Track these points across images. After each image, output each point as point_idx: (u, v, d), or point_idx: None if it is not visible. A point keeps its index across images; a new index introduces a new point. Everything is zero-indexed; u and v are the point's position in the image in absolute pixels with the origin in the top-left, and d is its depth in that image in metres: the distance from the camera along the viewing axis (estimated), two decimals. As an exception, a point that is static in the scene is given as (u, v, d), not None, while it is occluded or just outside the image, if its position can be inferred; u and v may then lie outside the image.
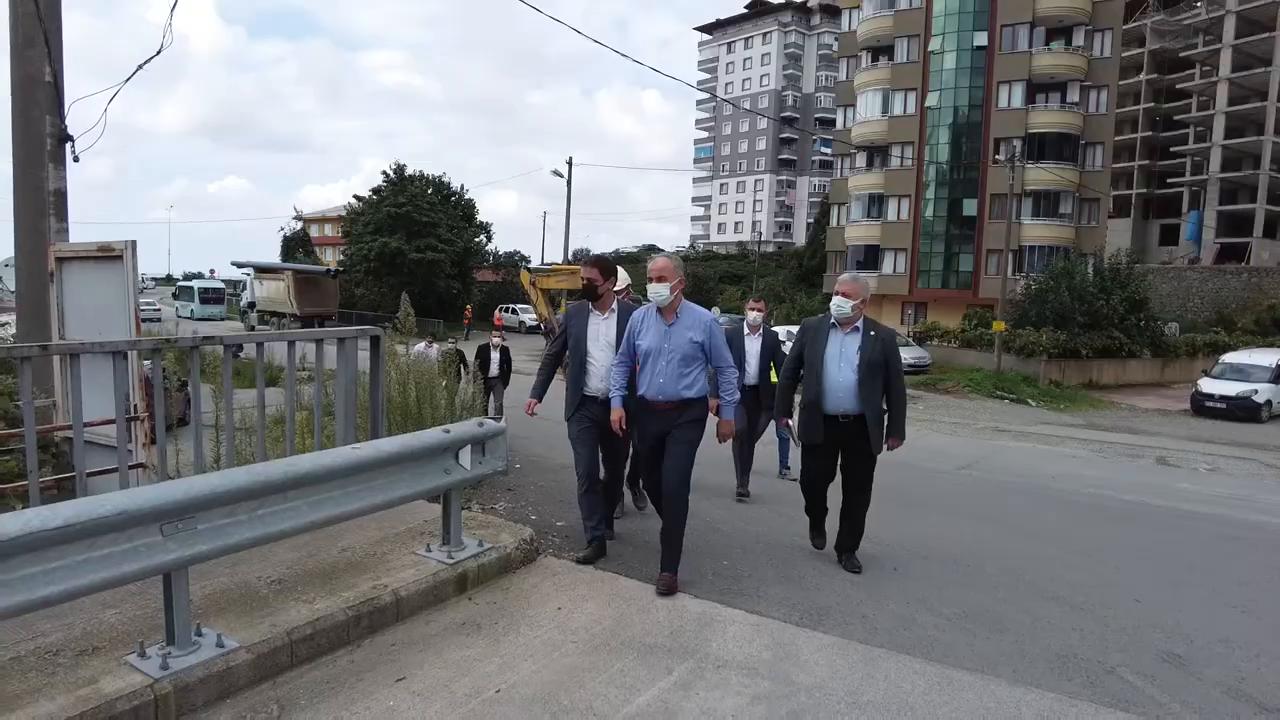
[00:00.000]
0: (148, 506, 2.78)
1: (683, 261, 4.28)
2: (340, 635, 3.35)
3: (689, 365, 4.22)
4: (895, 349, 4.75)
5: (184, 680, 2.84)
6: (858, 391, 4.61)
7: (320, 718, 2.86)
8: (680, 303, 4.31)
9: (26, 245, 7.32)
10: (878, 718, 3.03)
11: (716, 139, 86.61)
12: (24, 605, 2.49)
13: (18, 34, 7.08)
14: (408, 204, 39.46)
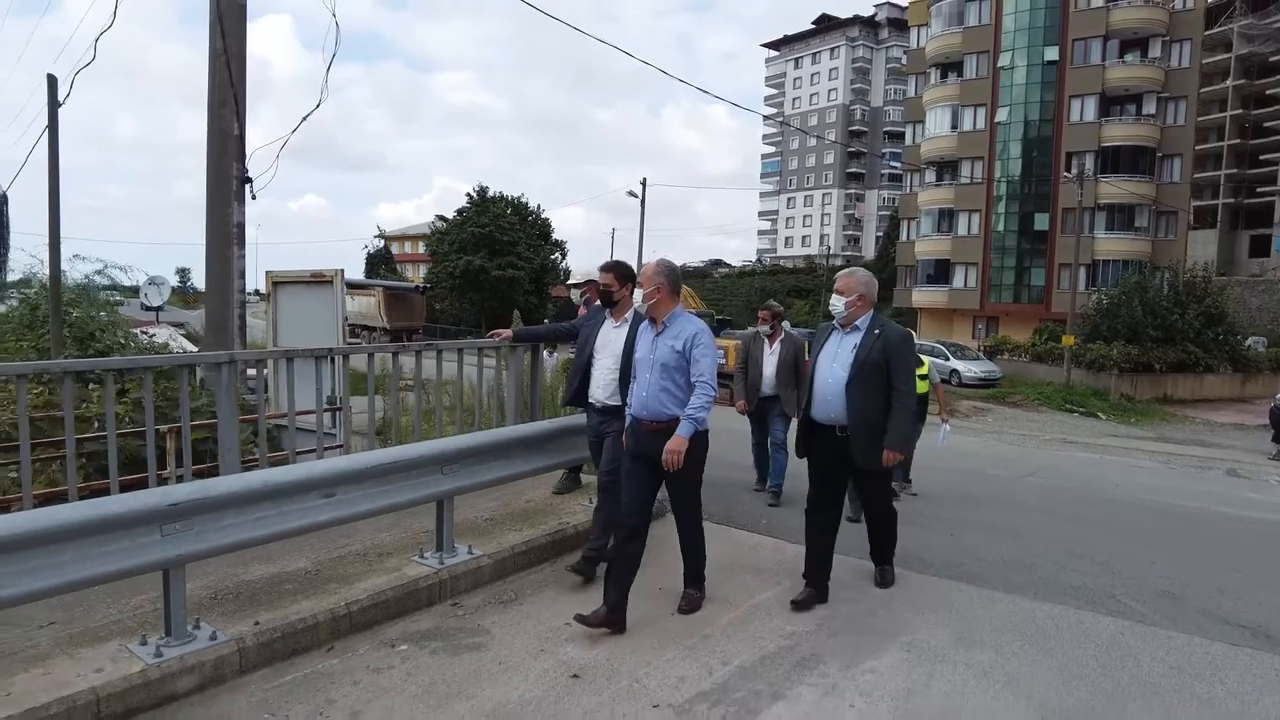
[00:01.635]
0: (430, 454, 4.20)
1: (674, 268, 4.09)
2: (541, 554, 4.73)
3: (672, 378, 3.91)
4: (901, 350, 4.21)
5: (455, 570, 4.26)
6: (845, 395, 4.16)
7: (543, 602, 4.22)
8: (670, 311, 4.02)
9: (216, 270, 8.99)
10: (930, 615, 4.26)
11: (784, 154, 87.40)
12: (333, 519, 3.87)
13: (214, 97, 8.76)
14: (490, 224, 41.72)
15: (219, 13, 8.33)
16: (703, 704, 3.27)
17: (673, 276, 4.06)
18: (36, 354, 11.37)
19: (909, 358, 4.32)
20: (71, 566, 2.94)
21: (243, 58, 8.73)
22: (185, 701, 3.18)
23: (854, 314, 4.31)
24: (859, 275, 4.40)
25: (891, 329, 4.30)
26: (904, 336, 4.33)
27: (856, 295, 4.29)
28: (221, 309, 8.90)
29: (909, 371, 4.29)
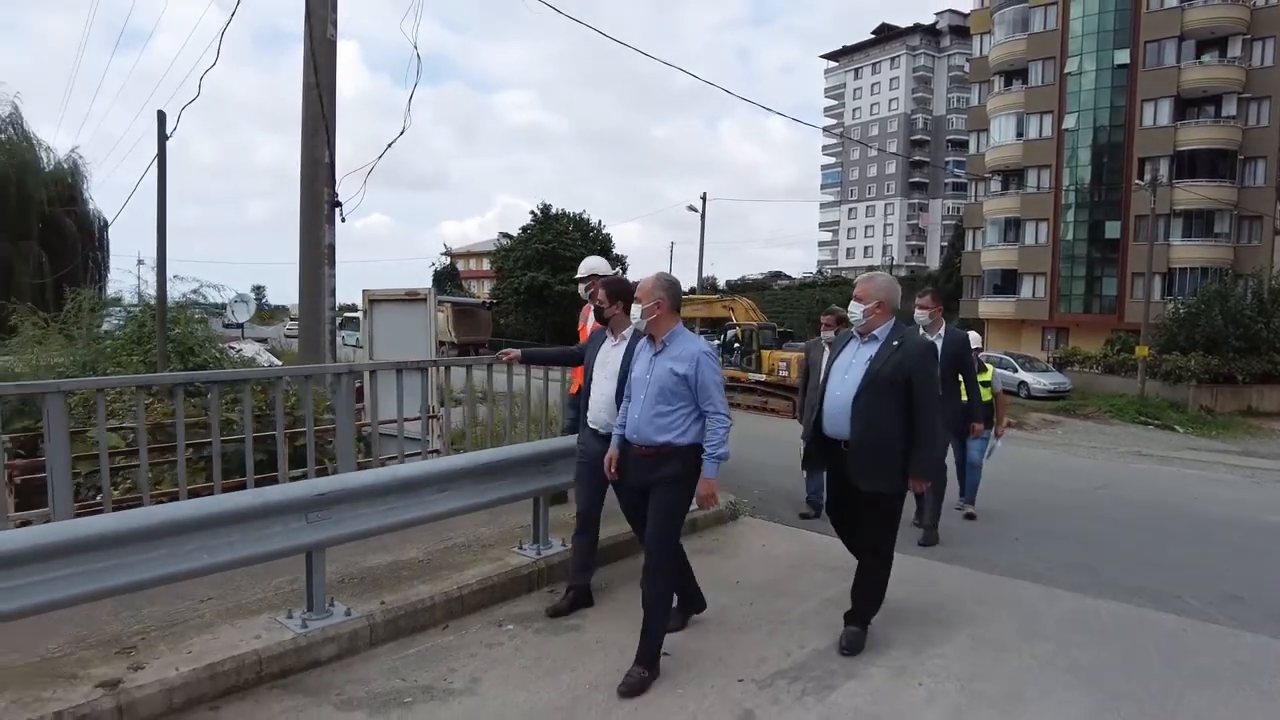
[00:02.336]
0: (531, 454, 4.64)
1: (675, 283, 3.83)
2: (626, 549, 5.12)
3: (668, 402, 3.60)
4: (924, 364, 3.83)
5: (550, 561, 4.69)
6: (852, 408, 3.82)
7: (631, 591, 4.60)
8: (670, 329, 3.74)
9: (309, 288, 9.66)
10: (995, 610, 4.50)
11: (844, 164, 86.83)
12: (449, 510, 4.33)
13: (307, 127, 9.44)
14: (553, 240, 42.69)
15: (312, 49, 9.02)
16: (782, 680, 3.61)
17: (673, 291, 3.80)
18: (145, 367, 12.32)
19: (933, 372, 3.92)
20: (240, 545, 3.46)
21: (333, 91, 9.40)
22: (327, 667, 3.67)
23: (873, 323, 3.96)
24: (879, 280, 4.05)
25: (913, 341, 3.93)
26: (929, 349, 3.98)
27: (876, 303, 3.95)
28: (314, 325, 9.58)
29: (933, 388, 3.86)
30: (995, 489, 8.21)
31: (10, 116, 25.35)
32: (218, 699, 3.34)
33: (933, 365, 3.95)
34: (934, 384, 3.90)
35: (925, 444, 3.81)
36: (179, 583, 3.61)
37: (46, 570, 3.00)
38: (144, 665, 3.36)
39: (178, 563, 3.29)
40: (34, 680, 3.22)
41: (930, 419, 3.80)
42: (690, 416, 3.65)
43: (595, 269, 5.55)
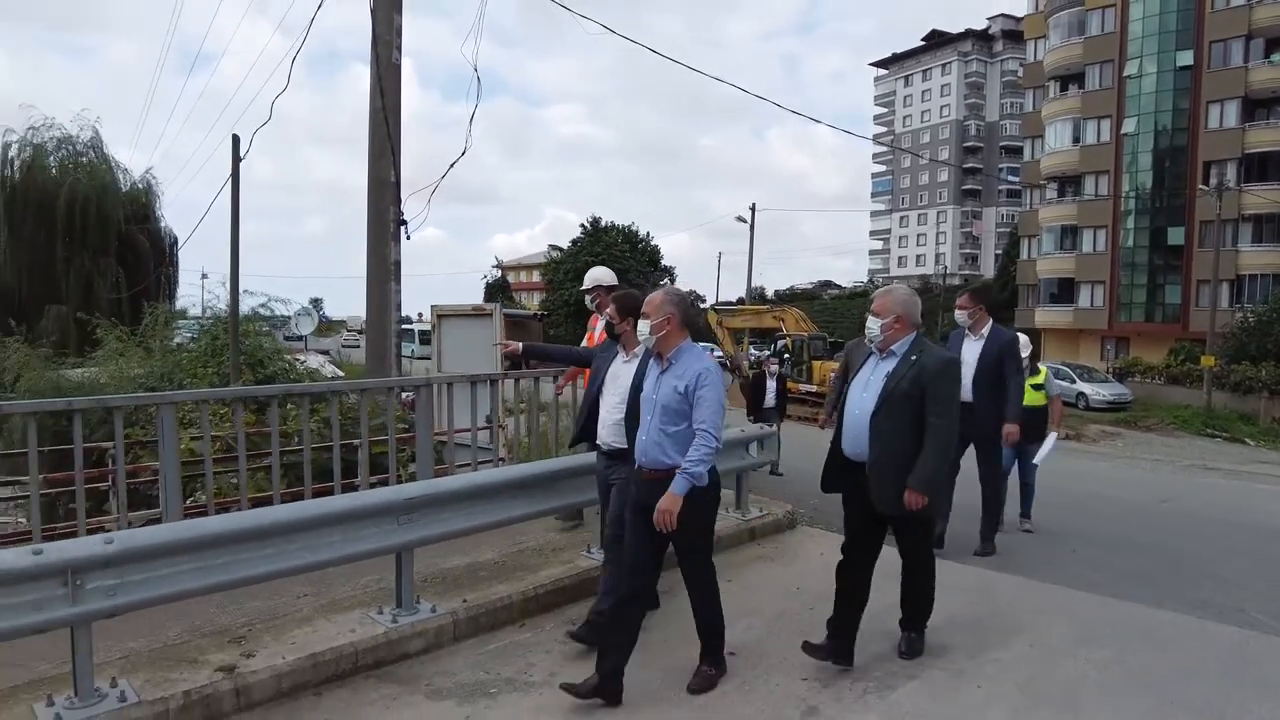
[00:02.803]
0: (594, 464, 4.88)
1: (685, 297, 3.78)
2: (688, 555, 5.32)
3: (674, 422, 3.50)
4: (939, 380, 3.70)
5: (617, 566, 4.91)
6: (869, 427, 3.70)
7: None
8: (678, 346, 3.61)
9: (375, 303, 10.08)
10: (1052, 617, 4.60)
11: (895, 172, 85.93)
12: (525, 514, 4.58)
13: (374, 149, 9.85)
14: (603, 253, 43.22)
15: (378, 75, 9.47)
16: (844, 680, 3.78)
17: (684, 306, 3.68)
18: (219, 380, 12.96)
19: (951, 387, 3.78)
20: (340, 545, 3.77)
21: (398, 114, 9.84)
22: (416, 659, 3.95)
23: (891, 338, 3.81)
24: (897, 294, 3.92)
25: (933, 355, 3.77)
26: (949, 364, 3.84)
27: (894, 317, 3.79)
28: (381, 338, 10.00)
29: (948, 402, 3.71)
30: (1053, 501, 8.19)
31: (91, 140, 26.78)
32: (320, 685, 3.65)
33: (951, 379, 3.81)
34: (950, 398, 3.73)
35: (930, 456, 3.63)
36: (278, 580, 3.93)
37: (174, 564, 3.33)
38: (254, 653, 3.69)
39: (285, 559, 3.61)
40: (161, 663, 3.57)
41: (941, 432, 3.64)
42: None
43: (599, 280, 5.47)
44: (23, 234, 24.31)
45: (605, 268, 5.83)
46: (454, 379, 6.20)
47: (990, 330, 5.85)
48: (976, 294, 6.10)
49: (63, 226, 24.42)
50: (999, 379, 5.73)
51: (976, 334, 5.81)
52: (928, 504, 3.69)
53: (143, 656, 3.62)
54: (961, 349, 5.85)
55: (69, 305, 23.55)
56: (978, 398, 5.67)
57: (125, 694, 3.25)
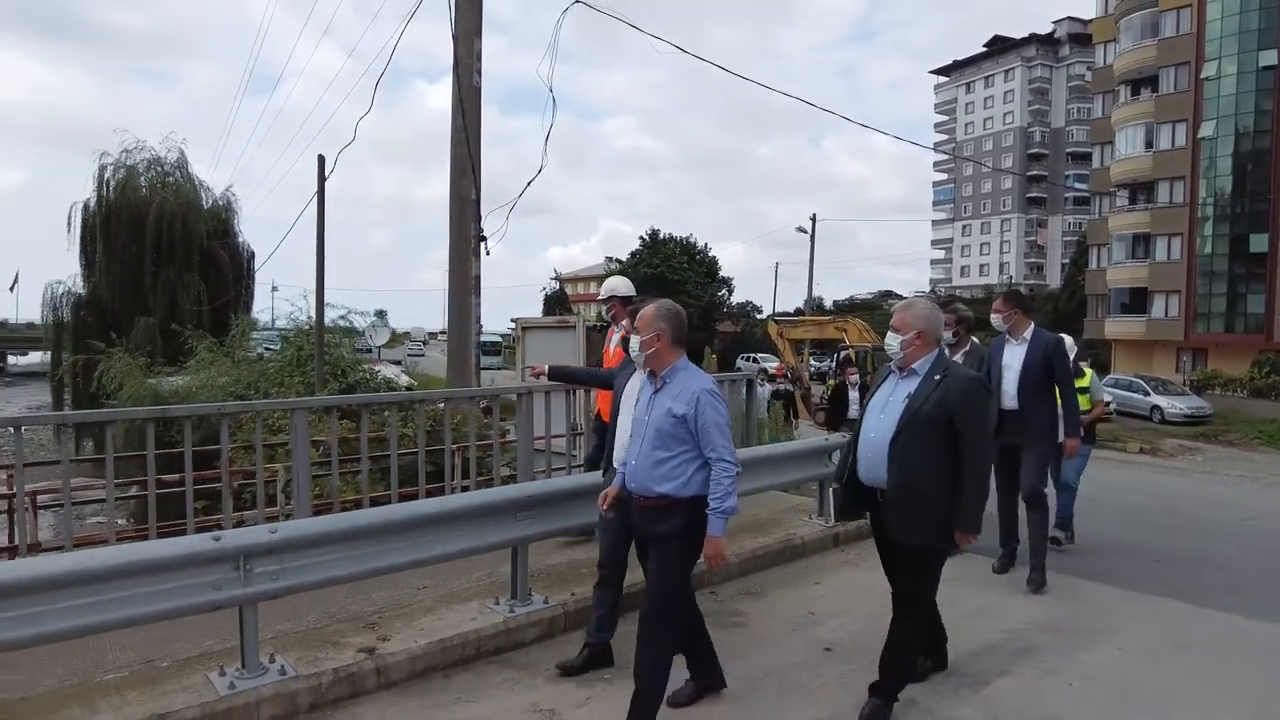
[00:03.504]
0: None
1: (678, 312, 3.49)
2: (774, 557, 5.55)
3: (667, 447, 3.26)
4: (969, 401, 3.40)
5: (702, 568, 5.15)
6: (888, 452, 3.43)
7: (785, 595, 5.03)
8: (671, 364, 3.36)
9: (457, 315, 10.53)
10: (1140, 623, 4.70)
11: (957, 180, 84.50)
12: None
13: (455, 168, 10.30)
14: (661, 265, 43.70)
15: (459, 97, 9.95)
16: (938, 675, 3.95)
17: (675, 321, 3.42)
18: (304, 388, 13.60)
19: (982, 409, 3.49)
20: (467, 538, 4.11)
21: (478, 134, 10.30)
22: (531, 647, 4.26)
23: (912, 355, 3.55)
24: (917, 308, 3.65)
25: (959, 375, 3.50)
26: (976, 384, 3.55)
27: (914, 333, 3.53)
28: (462, 349, 10.46)
29: (982, 427, 3.45)
30: (1131, 517, 8.15)
31: (178, 161, 28.24)
32: (448, 668, 3.98)
33: (981, 401, 3.51)
34: (982, 422, 3.48)
35: (973, 491, 3.39)
36: (400, 572, 4.29)
37: (325, 554, 3.71)
38: (389, 638, 4.04)
39: (421, 551, 3.96)
40: (308, 644, 3.95)
41: (979, 463, 3.41)
42: (694, 464, 3.27)
43: (615, 290, 5.35)
44: (116, 250, 25.74)
45: (622, 278, 5.61)
46: (550, 388, 6.53)
47: (1032, 333, 5.52)
48: (1010, 297, 5.81)
49: (151, 242, 25.76)
50: (1046, 384, 5.38)
51: (1017, 338, 5.53)
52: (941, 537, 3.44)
53: (291, 638, 4.00)
54: (1002, 355, 5.59)
55: (156, 317, 24.87)
56: (1024, 405, 5.37)
57: (284, 669, 3.63)
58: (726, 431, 3.28)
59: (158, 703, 3.35)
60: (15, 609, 2.96)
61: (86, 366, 18.61)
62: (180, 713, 3.29)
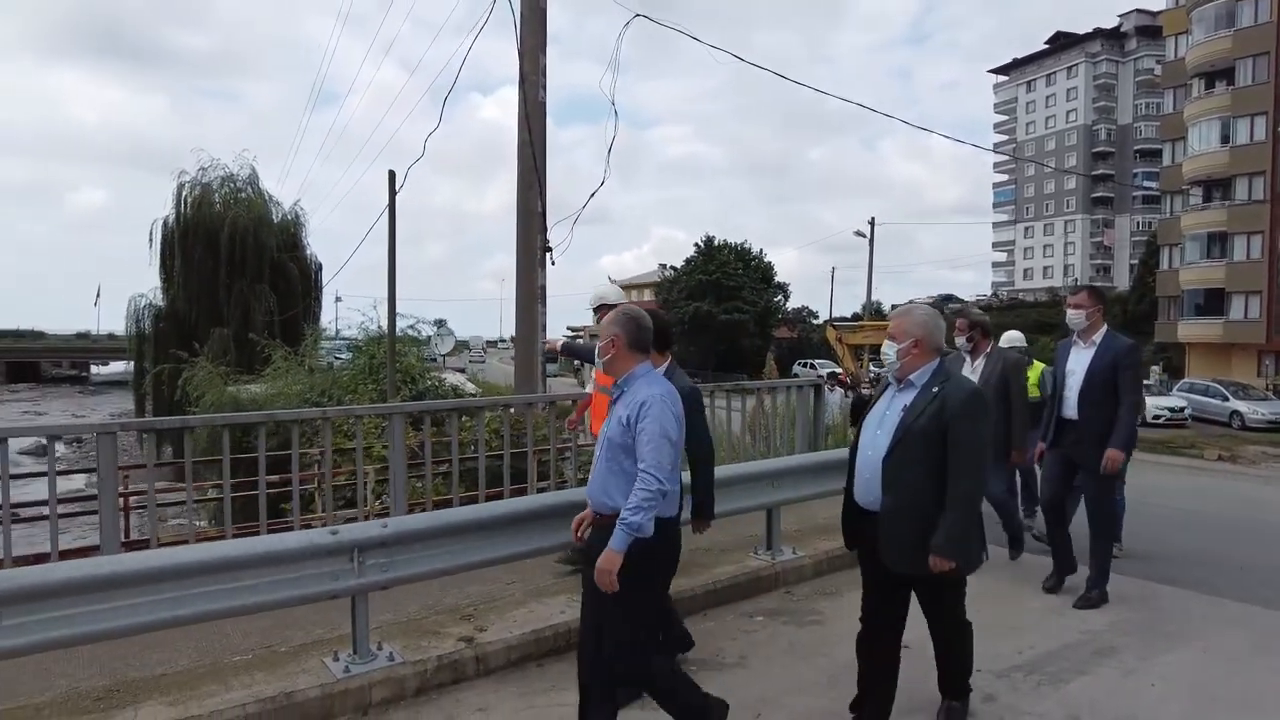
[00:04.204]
0: (763, 471, 5.29)
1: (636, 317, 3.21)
2: (850, 560, 5.62)
3: (617, 460, 3.02)
4: (967, 412, 3.10)
5: (784, 566, 5.32)
6: (881, 471, 3.18)
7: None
8: (629, 370, 3.11)
9: (524, 324, 10.81)
10: (1223, 628, 4.67)
11: (1018, 180, 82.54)
12: None
13: (522, 180, 10.55)
14: (717, 271, 43.77)
15: (525, 111, 10.25)
16: (1018, 673, 4.03)
17: (632, 326, 3.15)
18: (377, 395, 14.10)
19: (978, 424, 3.14)
20: (557, 535, 4.32)
21: (544, 148, 10.58)
22: (617, 640, 4.46)
23: (909, 365, 3.24)
24: (915, 314, 3.35)
25: (955, 387, 3.16)
26: (970, 396, 3.17)
27: (911, 341, 3.22)
28: (529, 356, 10.76)
29: (974, 443, 3.11)
30: (1209, 525, 7.97)
31: (249, 177, 29.49)
32: (542, 658, 4.21)
33: (977, 417, 3.14)
34: (976, 438, 3.12)
35: (956, 511, 3.07)
36: (491, 568, 4.54)
37: (430, 548, 3.98)
38: (485, 629, 4.29)
39: (513, 546, 4.20)
40: (411, 633, 4.22)
41: (966, 480, 3.08)
42: None
43: (605, 297, 5.09)
44: (193, 264, 26.98)
45: (612, 285, 5.34)
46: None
47: (1103, 336, 4.96)
48: (1094, 291, 5.15)
49: (225, 256, 26.94)
50: (1112, 393, 4.87)
51: (1087, 341, 4.97)
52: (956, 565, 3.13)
53: (394, 628, 4.28)
54: (1068, 359, 5.08)
55: (230, 328, 25.97)
56: (1085, 415, 4.90)
57: (393, 655, 3.90)
58: (663, 444, 2.90)
59: (283, 683, 3.64)
60: (174, 590, 3.30)
61: (172, 375, 19.58)
62: (304, 692, 3.58)
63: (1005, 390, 5.56)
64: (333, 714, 3.61)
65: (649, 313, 3.49)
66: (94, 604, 3.18)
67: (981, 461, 3.16)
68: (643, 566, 2.92)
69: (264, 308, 27.39)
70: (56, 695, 3.54)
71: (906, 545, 3.13)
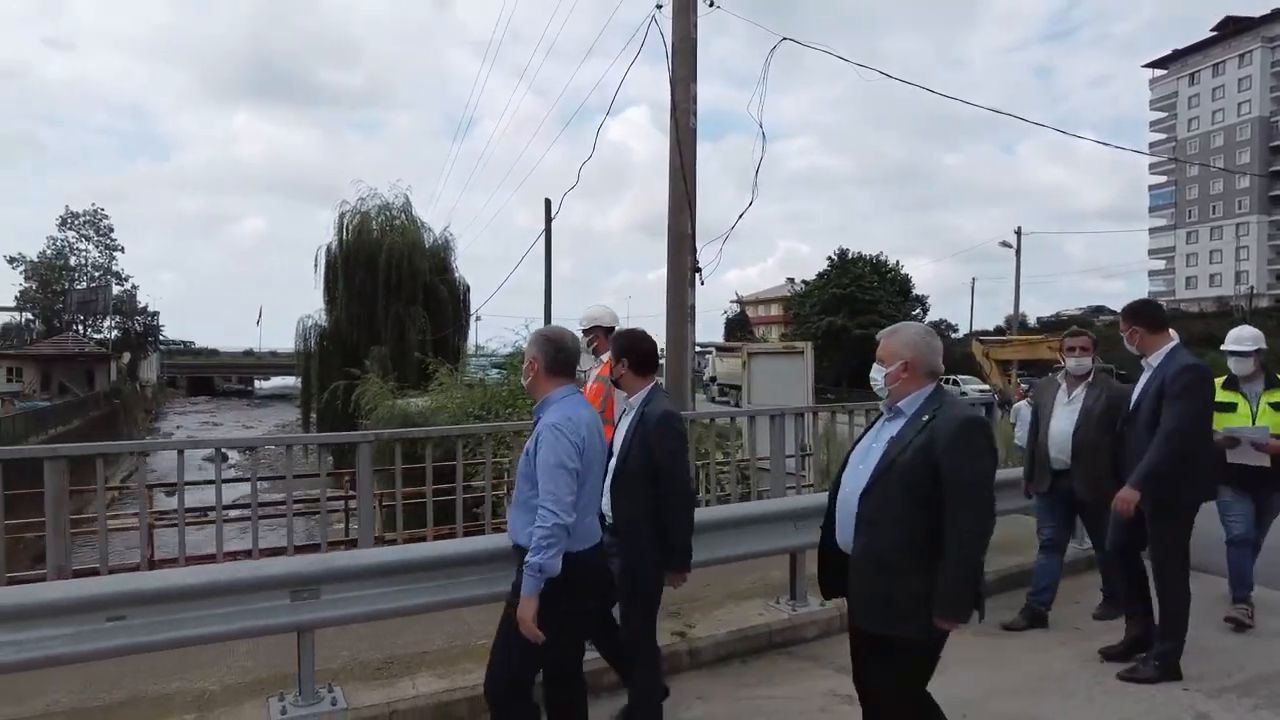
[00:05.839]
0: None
1: (554, 338, 3.09)
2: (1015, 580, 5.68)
3: (522, 491, 2.93)
4: (963, 452, 2.63)
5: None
6: (857, 511, 2.76)
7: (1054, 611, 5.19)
8: (546, 395, 3.00)
9: (674, 342, 11.22)
10: None
11: (1179, 182, 76.59)
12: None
13: (673, 203, 10.92)
14: (851, 285, 43.14)
15: (677, 138, 10.70)
16: (1230, 694, 4.02)
17: (550, 349, 3.01)
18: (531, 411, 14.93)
19: (976, 458, 2.66)
20: (754, 541, 4.70)
21: (694, 172, 11.01)
22: (812, 643, 4.77)
23: (899, 391, 2.82)
24: (904, 334, 2.89)
25: (947, 417, 2.69)
26: (965, 426, 2.68)
27: (900, 363, 2.81)
28: (680, 375, 11.19)
29: (974, 480, 2.63)
30: None
31: (403, 205, 31.75)
32: (745, 655, 4.57)
33: (976, 448, 2.67)
34: (975, 474, 2.64)
35: (957, 566, 2.59)
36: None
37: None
38: (694, 626, 4.69)
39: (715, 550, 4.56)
40: (627, 626, 4.66)
41: (966, 530, 2.60)
42: None
43: (597, 320, 4.81)
44: (354, 287, 29.29)
45: (603, 306, 5.08)
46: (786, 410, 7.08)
47: (1162, 357, 4.29)
48: (1133, 311, 4.48)
49: (383, 279, 29.08)
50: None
51: (1149, 364, 4.37)
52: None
53: (611, 621, 4.74)
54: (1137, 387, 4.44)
55: (387, 346, 27.98)
56: (1141, 450, 4.20)
57: (617, 644, 4.35)
58: (558, 474, 2.75)
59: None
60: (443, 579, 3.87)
61: (346, 390, 21.35)
62: (548, 672, 4.07)
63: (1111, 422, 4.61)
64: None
65: (635, 333, 3.61)
66: (386, 586, 3.79)
67: (983, 499, 2.63)
68: (557, 601, 2.77)
69: (417, 327, 29.35)
70: (345, 663, 4.19)
71: (871, 597, 2.72)
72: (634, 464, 3.34)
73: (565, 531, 2.74)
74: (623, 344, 3.59)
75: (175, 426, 52.07)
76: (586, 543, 2.94)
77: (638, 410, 3.44)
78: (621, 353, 3.54)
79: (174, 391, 76.54)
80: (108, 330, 64.68)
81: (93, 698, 3.83)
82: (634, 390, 3.51)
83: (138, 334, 68.83)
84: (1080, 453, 4.78)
